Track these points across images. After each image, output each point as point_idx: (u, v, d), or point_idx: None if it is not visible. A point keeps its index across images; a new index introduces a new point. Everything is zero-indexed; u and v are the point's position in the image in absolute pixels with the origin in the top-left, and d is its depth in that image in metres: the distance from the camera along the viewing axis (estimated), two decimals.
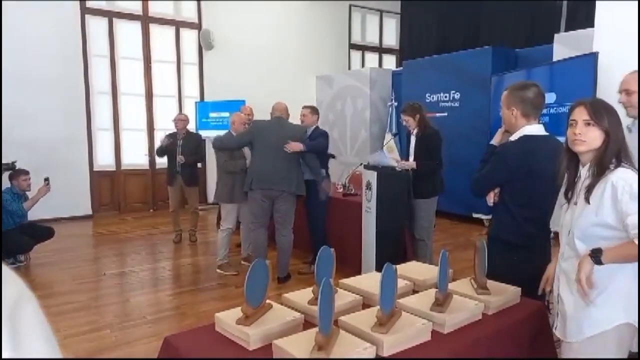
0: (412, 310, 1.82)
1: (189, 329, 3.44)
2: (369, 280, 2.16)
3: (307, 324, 1.76)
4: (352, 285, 2.09)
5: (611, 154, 1.69)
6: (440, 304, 1.82)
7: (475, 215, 7.09)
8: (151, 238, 6.47)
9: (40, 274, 4.90)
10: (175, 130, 5.93)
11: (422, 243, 4.43)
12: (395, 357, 1.56)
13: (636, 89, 2.41)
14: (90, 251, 5.92)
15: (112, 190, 8.08)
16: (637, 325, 1.68)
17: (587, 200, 1.70)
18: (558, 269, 1.88)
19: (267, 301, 1.81)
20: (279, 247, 4.52)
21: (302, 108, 4.89)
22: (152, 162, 8.32)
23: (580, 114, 1.74)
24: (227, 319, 1.70)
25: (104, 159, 7.99)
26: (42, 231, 5.32)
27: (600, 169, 1.69)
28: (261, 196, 4.33)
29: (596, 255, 1.60)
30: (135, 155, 8.21)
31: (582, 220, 1.74)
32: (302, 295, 1.94)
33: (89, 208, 7.76)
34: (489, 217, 6.95)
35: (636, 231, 1.51)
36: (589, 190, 1.70)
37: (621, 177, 1.63)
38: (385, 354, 1.55)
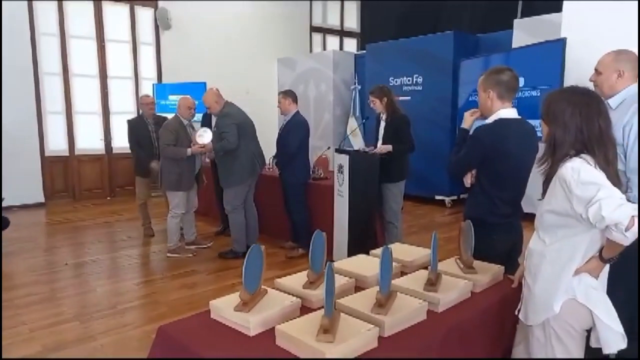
0: (406, 290, 1.85)
1: (164, 317, 3.41)
2: (358, 263, 2.18)
3: (304, 308, 1.76)
4: (343, 268, 2.10)
5: (560, 148, 1.67)
6: (433, 283, 1.87)
7: (437, 197, 7.28)
8: (111, 225, 6.25)
9: None
10: (141, 114, 5.55)
11: (392, 225, 4.52)
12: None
13: (602, 70, 2.43)
14: (47, 240, 5.65)
15: (65, 177, 7.72)
16: (580, 300, 1.67)
17: (543, 196, 1.76)
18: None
19: (262, 287, 1.79)
20: (252, 221, 4.84)
21: (278, 94, 4.95)
22: (108, 147, 8.00)
23: None
24: (224, 306, 1.67)
25: (56, 144, 7.60)
26: None
27: (551, 163, 1.70)
28: (255, 177, 4.72)
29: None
30: (90, 140, 7.86)
31: (539, 210, 1.79)
32: (296, 280, 1.94)
33: (41, 195, 7.39)
34: (451, 198, 7.25)
35: (603, 224, 1.52)
36: (544, 184, 1.75)
37: (569, 166, 1.62)
38: (386, 334, 1.58)
